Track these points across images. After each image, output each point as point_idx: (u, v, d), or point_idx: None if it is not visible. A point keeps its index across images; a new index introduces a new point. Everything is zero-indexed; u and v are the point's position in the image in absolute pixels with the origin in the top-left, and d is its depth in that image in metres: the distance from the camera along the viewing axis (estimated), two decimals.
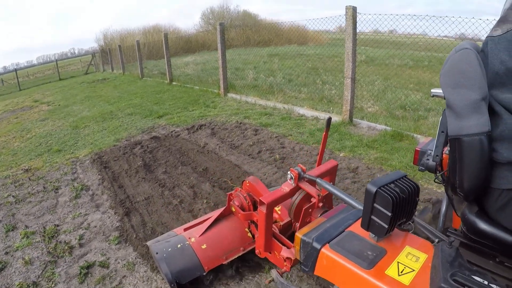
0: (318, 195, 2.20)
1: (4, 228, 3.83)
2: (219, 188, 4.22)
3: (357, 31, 5.74)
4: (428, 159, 1.79)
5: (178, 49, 24.15)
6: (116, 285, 2.86)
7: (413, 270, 1.25)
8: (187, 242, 2.72)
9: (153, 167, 5.12)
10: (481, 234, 1.29)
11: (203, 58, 14.38)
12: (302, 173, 2.27)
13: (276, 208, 2.80)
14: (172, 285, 2.52)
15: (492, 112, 1.20)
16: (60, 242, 3.49)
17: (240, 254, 2.76)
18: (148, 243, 2.89)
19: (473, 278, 1.10)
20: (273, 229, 2.44)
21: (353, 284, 1.31)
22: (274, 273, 2.27)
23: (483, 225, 1.27)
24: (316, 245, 1.44)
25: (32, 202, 4.44)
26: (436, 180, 1.74)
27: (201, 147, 5.73)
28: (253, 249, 2.65)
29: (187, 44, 25.85)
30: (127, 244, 3.37)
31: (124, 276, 2.96)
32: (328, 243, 1.44)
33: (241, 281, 2.75)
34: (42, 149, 6.77)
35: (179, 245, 2.70)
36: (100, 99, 11.75)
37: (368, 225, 1.37)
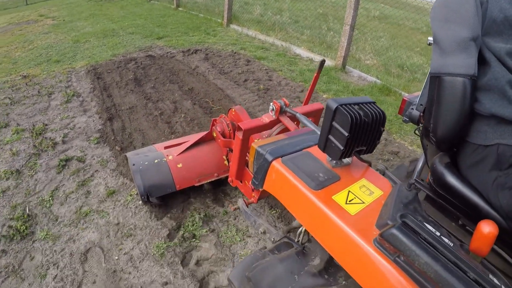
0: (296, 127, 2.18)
1: None
2: (199, 106, 4.49)
3: None
4: (412, 109, 1.69)
5: None
6: (88, 177, 3.22)
7: (363, 203, 1.19)
8: (164, 159, 2.78)
9: (143, 82, 5.37)
10: (447, 188, 1.19)
11: None
12: (284, 106, 2.24)
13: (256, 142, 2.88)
14: (142, 197, 2.65)
15: (481, 59, 1.11)
16: (46, 138, 3.82)
17: (213, 179, 2.86)
18: (128, 154, 2.98)
19: (425, 225, 1.02)
20: (247, 158, 2.39)
21: (297, 202, 1.27)
22: (240, 201, 2.30)
23: (451, 179, 1.17)
24: (269, 157, 1.39)
25: (26, 104, 4.74)
26: (416, 131, 1.64)
27: (191, 69, 5.94)
28: (226, 178, 2.72)
29: None
30: (104, 145, 3.70)
31: (97, 170, 3.31)
32: (281, 157, 1.38)
33: (211, 206, 2.94)
34: (41, 59, 6.99)
35: (156, 161, 2.77)
36: (104, 17, 11.76)
37: (324, 145, 1.30)
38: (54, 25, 11.30)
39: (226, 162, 2.91)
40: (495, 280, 0.88)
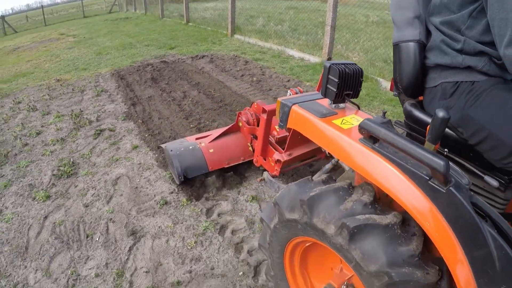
0: None
1: (41, 113, 5.48)
2: (203, 94, 5.78)
3: None
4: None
5: None
6: (118, 140, 4.46)
7: (352, 125, 1.62)
8: (198, 146, 3.34)
9: (158, 80, 6.72)
10: (415, 120, 1.70)
11: (223, 4, 15.56)
12: (299, 93, 2.78)
13: (277, 127, 3.38)
14: (180, 177, 3.20)
15: (428, 31, 1.65)
16: (83, 118, 5.12)
17: (240, 162, 3.42)
18: (163, 145, 3.62)
19: (393, 128, 1.38)
20: (270, 138, 3.08)
21: (310, 128, 1.76)
22: (265, 174, 2.82)
23: (417, 113, 1.69)
24: (289, 104, 1.90)
25: (62, 99, 6.10)
26: (394, 94, 2.09)
27: (198, 69, 7.30)
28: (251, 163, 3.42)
29: None
30: (129, 120, 4.98)
31: (124, 135, 4.57)
32: (298, 103, 1.89)
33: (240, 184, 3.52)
34: (70, 68, 8.45)
35: (190, 147, 3.32)
36: (121, 34, 13.31)
37: (325, 92, 1.80)
38: (76, 41, 12.87)
39: (250, 148, 3.46)
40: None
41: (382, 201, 1.54)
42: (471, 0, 1.42)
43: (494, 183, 1.47)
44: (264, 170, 3.19)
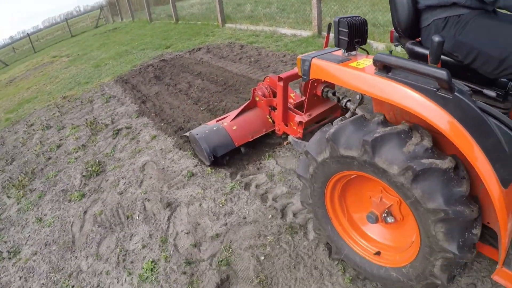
0: None
1: (56, 129, 5.84)
2: (207, 81, 6.12)
3: None
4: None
5: None
6: (136, 134, 4.80)
7: (366, 65, 1.88)
8: (221, 126, 3.57)
9: (162, 77, 7.08)
10: (417, 56, 1.91)
11: None
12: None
13: (292, 95, 3.69)
14: (209, 157, 3.42)
15: None
16: (98, 123, 5.46)
17: (263, 134, 3.65)
18: (187, 133, 3.87)
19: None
20: (289, 104, 3.36)
21: (330, 74, 2.02)
22: (290, 137, 3.18)
23: (418, 49, 1.92)
24: (309, 58, 2.14)
25: (73, 112, 6.46)
26: (395, 43, 2.34)
27: (198, 61, 7.64)
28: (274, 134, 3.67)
29: None
30: (143, 117, 5.33)
31: (141, 130, 4.91)
32: (316, 57, 2.13)
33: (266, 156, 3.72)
34: (72, 85, 8.80)
35: (214, 128, 3.55)
36: (114, 44, 13.66)
37: (338, 43, 2.09)
38: (71, 60, 13.24)
39: (270, 119, 3.70)
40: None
41: (435, 144, 1.69)
42: None
43: (492, 93, 1.76)
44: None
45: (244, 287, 2.36)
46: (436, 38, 1.43)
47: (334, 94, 3.21)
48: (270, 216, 2.85)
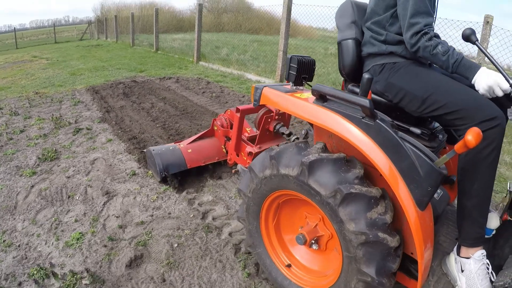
0: (276, 110, 3.37)
1: (23, 117, 6.28)
2: (169, 105, 6.83)
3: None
4: None
5: (171, 26, 26.25)
6: (94, 136, 5.34)
7: (308, 96, 2.10)
8: (177, 147, 3.84)
9: (129, 95, 7.73)
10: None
11: (191, 36, 16.73)
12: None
13: (247, 129, 3.90)
14: (161, 173, 3.66)
15: (362, 32, 2.23)
16: (63, 120, 5.99)
17: (215, 161, 3.93)
18: (146, 150, 4.10)
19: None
20: (243, 136, 3.59)
21: (276, 101, 2.24)
22: (239, 166, 3.35)
23: (356, 90, 2.19)
24: (261, 87, 2.37)
25: (42, 107, 6.93)
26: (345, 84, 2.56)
27: (165, 87, 8.39)
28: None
29: (180, 23, 27.77)
30: (104, 123, 5.91)
31: (100, 133, 5.48)
32: (267, 87, 2.37)
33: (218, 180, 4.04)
34: (46, 84, 9.26)
35: (171, 147, 3.83)
36: (94, 58, 14.26)
37: (288, 76, 2.37)
38: (50, 63, 13.66)
39: (224, 149, 3.94)
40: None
41: (367, 176, 1.83)
42: (392, 5, 2.00)
43: (417, 131, 1.95)
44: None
45: (154, 266, 2.77)
46: (366, 75, 1.71)
47: (284, 131, 3.48)
48: (192, 215, 3.38)
